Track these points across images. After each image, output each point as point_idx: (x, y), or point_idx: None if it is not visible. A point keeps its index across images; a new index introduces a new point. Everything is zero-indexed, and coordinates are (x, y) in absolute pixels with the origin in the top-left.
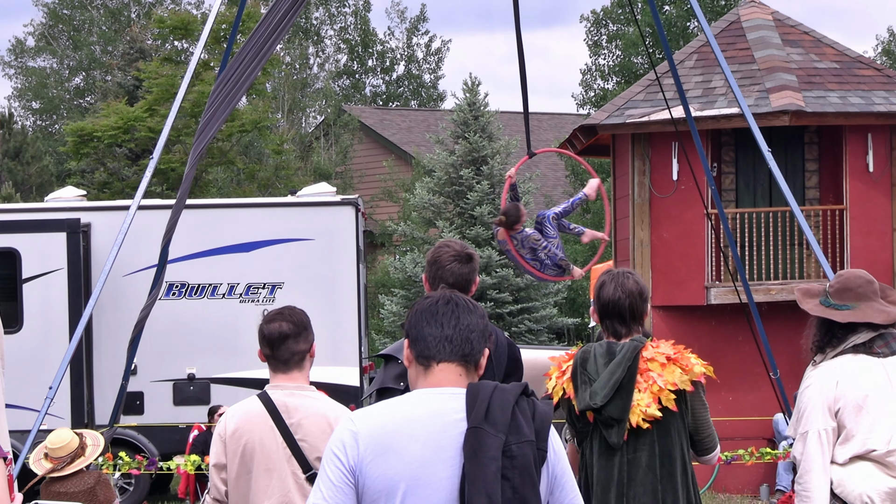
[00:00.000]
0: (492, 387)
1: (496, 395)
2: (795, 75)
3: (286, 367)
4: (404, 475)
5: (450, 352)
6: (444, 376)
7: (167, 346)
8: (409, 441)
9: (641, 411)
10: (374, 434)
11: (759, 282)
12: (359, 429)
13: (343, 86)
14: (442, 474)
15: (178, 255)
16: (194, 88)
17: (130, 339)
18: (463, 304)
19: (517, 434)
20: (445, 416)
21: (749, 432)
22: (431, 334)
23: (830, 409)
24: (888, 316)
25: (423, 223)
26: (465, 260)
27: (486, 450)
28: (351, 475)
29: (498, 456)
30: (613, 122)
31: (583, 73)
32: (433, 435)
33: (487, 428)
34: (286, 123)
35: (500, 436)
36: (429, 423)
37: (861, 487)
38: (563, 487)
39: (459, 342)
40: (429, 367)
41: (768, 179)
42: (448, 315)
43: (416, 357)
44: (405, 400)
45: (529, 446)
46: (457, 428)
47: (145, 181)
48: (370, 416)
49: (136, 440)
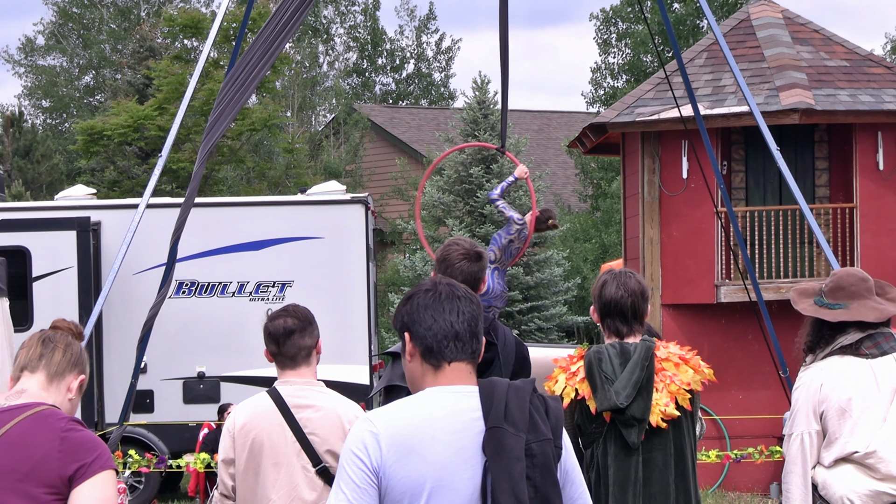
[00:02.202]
0: (506, 385)
1: (511, 393)
2: (805, 73)
3: (293, 362)
4: (429, 476)
5: (461, 350)
6: (456, 375)
7: (177, 345)
8: (432, 442)
9: (661, 411)
10: (396, 435)
11: (769, 280)
12: (379, 430)
13: (353, 84)
14: (464, 475)
15: (187, 253)
16: (204, 87)
17: (140, 338)
18: (463, 293)
19: (536, 433)
20: (463, 415)
21: (759, 430)
22: (440, 332)
23: (815, 411)
24: (880, 313)
25: (433, 221)
26: (474, 258)
27: (509, 450)
28: (374, 476)
29: (522, 456)
30: (623, 120)
31: (592, 72)
32: (454, 435)
33: (508, 427)
34: (296, 122)
35: (522, 435)
36: (448, 424)
37: (842, 490)
38: (573, 482)
39: (469, 339)
40: (440, 367)
41: (778, 178)
42: (453, 310)
43: (425, 356)
44: (422, 400)
45: (548, 444)
46: (475, 427)
47: (154, 179)
48: (390, 417)
49: (146, 438)
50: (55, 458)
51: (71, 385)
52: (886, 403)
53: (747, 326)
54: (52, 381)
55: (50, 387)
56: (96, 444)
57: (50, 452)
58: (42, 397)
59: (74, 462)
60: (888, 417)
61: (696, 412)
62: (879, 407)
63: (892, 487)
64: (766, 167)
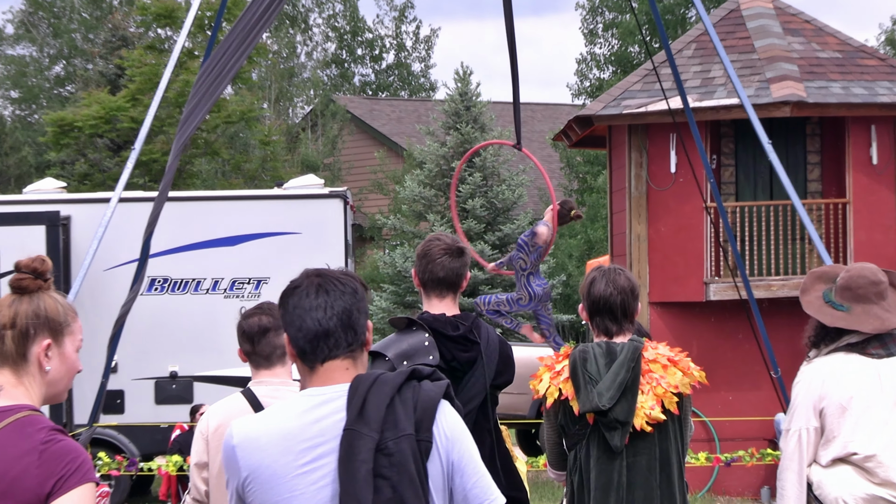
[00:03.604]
0: (371, 379)
1: (374, 388)
2: (797, 65)
3: (268, 362)
4: (283, 490)
5: (333, 347)
6: (329, 375)
7: (149, 343)
8: (284, 454)
9: (645, 414)
10: (249, 448)
11: (760, 277)
12: (236, 442)
13: (331, 75)
14: (320, 483)
15: (160, 248)
16: (178, 77)
17: (111, 336)
18: (334, 284)
19: (394, 429)
20: (325, 420)
21: (749, 433)
22: (309, 332)
23: (815, 407)
24: (882, 323)
25: (413, 216)
26: (456, 254)
27: (356, 452)
28: (239, 497)
29: (369, 458)
30: (610, 112)
31: (578, 63)
32: (310, 442)
33: (360, 428)
34: (273, 114)
35: (373, 434)
36: (306, 433)
37: (838, 491)
38: (463, 473)
39: (342, 333)
40: (314, 368)
41: (769, 172)
42: (320, 306)
43: (300, 358)
44: (285, 408)
45: (407, 440)
46: (336, 432)
47: (127, 172)
48: (248, 428)
49: (116, 440)
50: (33, 475)
51: (40, 358)
52: (890, 406)
53: (737, 325)
54: (17, 370)
55: (20, 376)
56: (76, 455)
57: (27, 469)
58: (19, 394)
59: (52, 477)
60: (890, 421)
61: (685, 416)
62: (881, 409)
63: (889, 493)
64: (756, 161)
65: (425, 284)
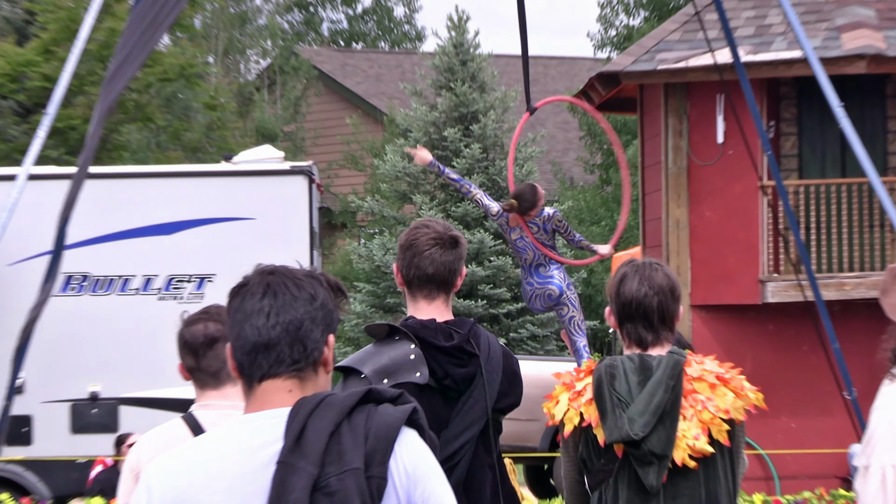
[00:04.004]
0: (315, 401)
1: (317, 412)
2: (874, 9)
3: (216, 380)
4: None
5: (274, 363)
6: (268, 397)
7: (63, 357)
8: (209, 494)
9: (688, 445)
10: (167, 490)
11: (830, 274)
12: (151, 484)
13: (294, 21)
14: None
15: (78, 238)
16: (102, 25)
17: (15, 348)
18: (286, 286)
19: (338, 462)
20: (259, 452)
21: (817, 469)
22: (247, 343)
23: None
24: None
25: (395, 198)
26: (448, 245)
27: (290, 490)
28: None
29: (304, 497)
30: (641, 68)
31: (601, 7)
32: (239, 480)
33: (295, 461)
34: (220, 71)
35: (311, 468)
36: (235, 468)
37: None
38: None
39: (287, 347)
40: (251, 387)
41: (840, 143)
42: (262, 311)
43: (237, 372)
44: (213, 438)
45: (353, 476)
46: (270, 466)
47: (38, 143)
48: (166, 467)
49: (21, 478)
50: None
51: None
52: None
53: (801, 334)
54: None
55: None
56: None
57: None
58: None
59: None
60: None
61: (737, 448)
62: None
63: None
64: (824, 129)
65: (410, 283)
